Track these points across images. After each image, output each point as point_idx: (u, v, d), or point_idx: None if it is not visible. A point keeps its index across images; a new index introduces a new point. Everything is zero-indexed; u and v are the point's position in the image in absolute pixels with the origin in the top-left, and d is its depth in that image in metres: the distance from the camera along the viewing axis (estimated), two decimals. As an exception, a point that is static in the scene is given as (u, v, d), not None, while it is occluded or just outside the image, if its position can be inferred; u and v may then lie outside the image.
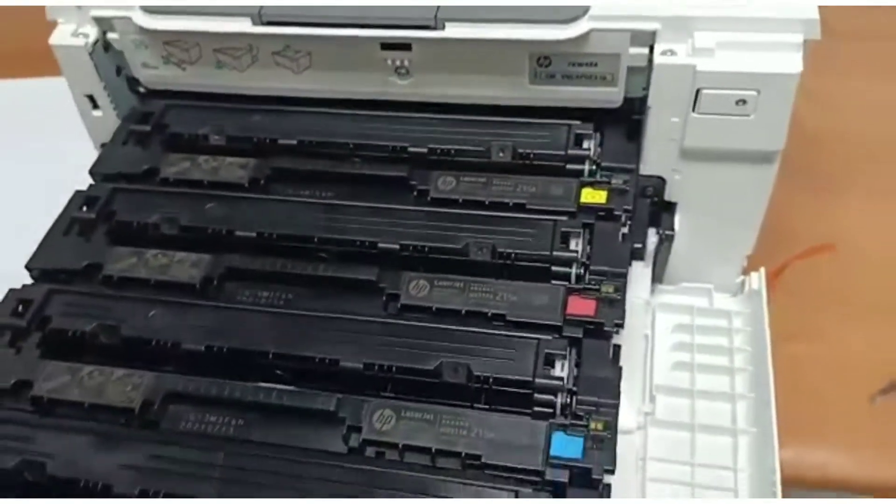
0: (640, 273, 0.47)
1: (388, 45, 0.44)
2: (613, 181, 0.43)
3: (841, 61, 0.53)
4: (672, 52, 0.41)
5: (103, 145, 0.50)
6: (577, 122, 0.46)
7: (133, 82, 0.50)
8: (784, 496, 0.41)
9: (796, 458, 0.45)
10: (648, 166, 0.45)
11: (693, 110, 0.42)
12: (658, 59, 0.41)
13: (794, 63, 0.39)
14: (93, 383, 0.37)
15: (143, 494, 0.33)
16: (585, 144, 0.45)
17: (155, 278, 0.41)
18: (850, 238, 0.56)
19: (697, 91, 0.41)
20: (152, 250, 0.42)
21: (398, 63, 0.45)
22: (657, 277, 0.49)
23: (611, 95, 0.44)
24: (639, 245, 0.46)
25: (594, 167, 0.45)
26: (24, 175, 0.64)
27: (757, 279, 0.48)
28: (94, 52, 0.47)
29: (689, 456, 0.43)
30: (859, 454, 0.47)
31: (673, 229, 0.47)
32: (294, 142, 0.47)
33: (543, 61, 0.44)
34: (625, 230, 0.42)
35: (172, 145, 0.48)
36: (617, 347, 0.39)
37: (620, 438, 0.42)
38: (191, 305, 0.40)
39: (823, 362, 0.51)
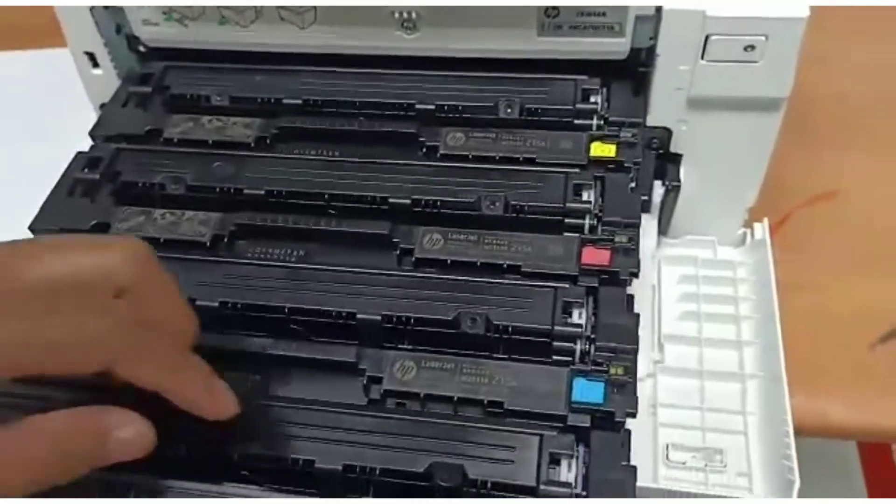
0: (646, 225, 0.47)
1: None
2: (622, 134, 0.43)
3: (837, 24, 0.53)
4: (681, -2, 0.41)
5: (102, 106, 0.49)
6: (584, 77, 0.46)
7: (133, 41, 0.49)
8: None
9: (796, 405, 0.46)
10: (655, 117, 0.46)
11: (702, 58, 0.42)
12: (667, 4, 0.41)
13: (801, 7, 0.39)
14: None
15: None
16: (593, 99, 0.45)
17: (164, 237, 0.41)
18: (849, 191, 0.57)
19: (706, 37, 0.41)
20: (160, 209, 0.42)
21: (405, 16, 0.44)
22: (662, 230, 0.50)
23: (618, 46, 0.44)
24: (645, 197, 0.46)
25: (602, 122, 0.45)
26: (19, 146, 0.63)
27: (760, 229, 0.49)
28: (94, 8, 0.46)
29: (699, 401, 0.44)
30: (859, 402, 0.48)
31: (679, 180, 0.47)
32: (299, 101, 0.46)
33: (552, 12, 0.43)
34: (634, 184, 0.42)
35: (174, 107, 0.47)
36: (631, 296, 0.39)
37: (631, 387, 0.44)
38: (202, 262, 0.39)
39: (823, 312, 0.51)
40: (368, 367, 0.35)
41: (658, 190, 0.47)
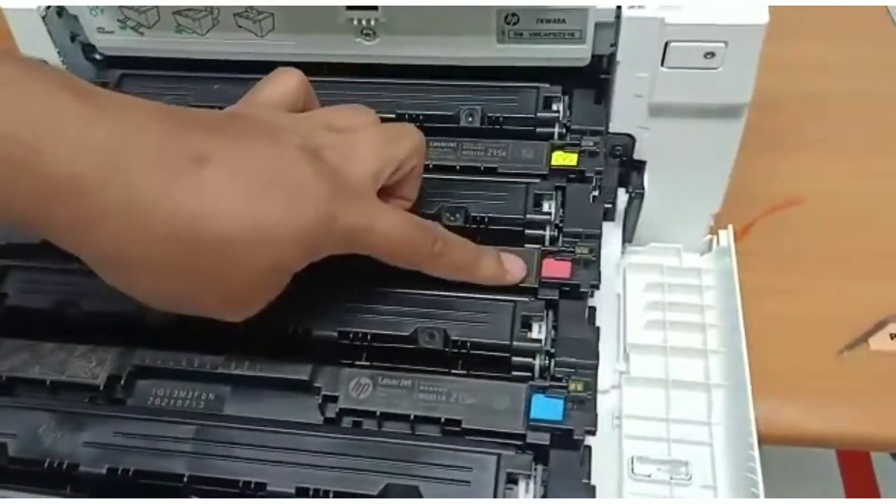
0: (610, 233, 0.47)
1: (353, 5, 0.43)
2: (583, 143, 0.43)
3: (791, 25, 0.54)
4: (640, 6, 0.40)
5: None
6: (546, 86, 0.45)
7: (88, 49, 0.48)
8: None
9: (765, 413, 0.46)
10: (617, 124, 0.45)
11: (661, 64, 0.41)
12: (626, 12, 0.40)
13: (760, 14, 0.39)
14: (54, 360, 0.35)
15: (112, 472, 0.32)
16: (554, 107, 0.45)
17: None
18: (814, 195, 0.57)
19: (666, 44, 0.41)
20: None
21: (364, 23, 0.44)
22: (627, 237, 0.49)
23: (579, 53, 0.44)
24: (609, 205, 0.46)
25: (563, 130, 0.44)
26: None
27: (725, 236, 0.49)
28: (47, 16, 0.45)
29: (665, 412, 0.44)
30: (826, 409, 0.48)
31: (643, 188, 0.47)
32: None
33: (511, 18, 0.43)
34: (596, 193, 0.42)
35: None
36: (593, 308, 0.39)
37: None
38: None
39: (790, 318, 0.51)
40: (324, 386, 0.35)
41: (622, 197, 0.47)
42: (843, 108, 0.63)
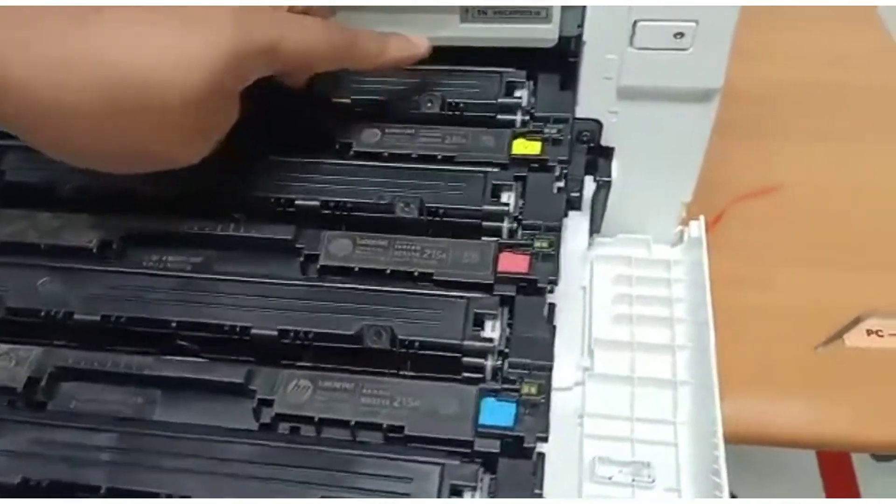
0: (577, 223, 0.45)
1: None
2: (547, 131, 0.41)
3: (759, 15, 0.52)
4: (609, -16, 0.38)
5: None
6: (510, 70, 0.43)
7: None
8: (726, 450, 0.40)
9: (737, 410, 0.44)
10: (584, 109, 0.43)
11: (630, 45, 0.39)
12: (592, -10, 0.38)
13: (734, -5, 0.37)
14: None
15: (25, 482, 0.29)
16: (518, 93, 0.42)
17: (46, 242, 0.37)
18: (788, 183, 0.55)
19: (634, 23, 0.38)
20: (44, 213, 0.38)
21: (321, 0, 0.41)
22: (595, 228, 0.47)
23: (546, 33, 0.41)
24: (576, 193, 0.44)
25: (527, 117, 0.42)
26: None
27: (696, 227, 0.47)
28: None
29: (629, 411, 0.42)
30: (799, 407, 0.47)
31: (610, 176, 0.45)
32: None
33: (476, -4, 0.40)
34: (560, 183, 0.40)
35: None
36: (552, 305, 0.37)
37: (558, 396, 0.41)
38: (87, 271, 0.36)
39: (767, 311, 0.50)
40: (259, 389, 0.33)
41: (589, 186, 0.45)
42: (822, 98, 0.62)
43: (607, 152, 0.45)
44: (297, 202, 0.38)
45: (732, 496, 0.37)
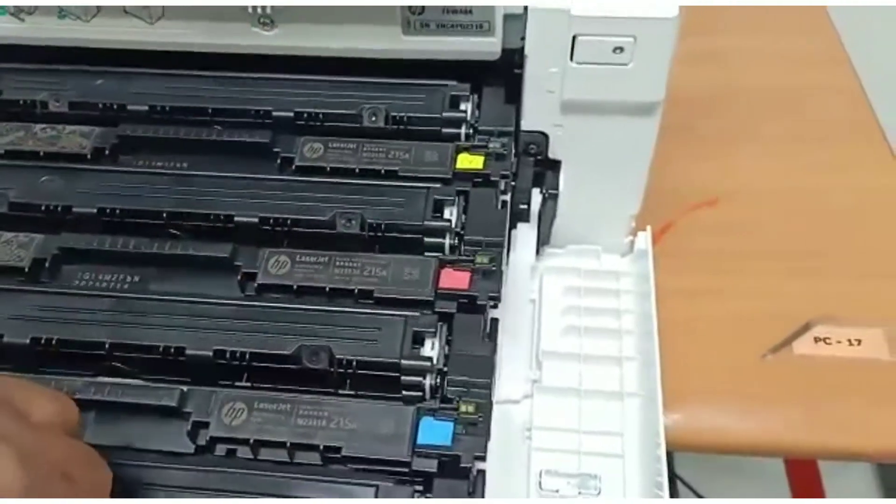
0: (525, 235, 0.45)
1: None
2: (491, 145, 0.41)
3: (709, 19, 0.52)
4: (551, -3, 0.38)
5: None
6: (454, 83, 0.43)
7: (-42, 39, 0.44)
8: (675, 460, 0.40)
9: (686, 420, 0.44)
10: (530, 121, 0.43)
11: (571, 59, 0.39)
12: (532, 3, 0.38)
13: (670, 7, 0.37)
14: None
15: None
16: (462, 106, 0.42)
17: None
18: (736, 193, 0.55)
19: (574, 38, 0.38)
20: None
21: (260, 11, 0.41)
22: (544, 239, 0.47)
23: (489, 46, 0.41)
24: (523, 206, 0.44)
25: (471, 130, 0.42)
26: None
27: (643, 239, 0.47)
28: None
29: (577, 423, 0.42)
30: (748, 414, 0.47)
31: (557, 188, 0.45)
32: (145, 107, 0.42)
33: (416, 9, 0.40)
34: (505, 197, 0.40)
35: (4, 113, 0.43)
36: (495, 321, 0.37)
37: (507, 408, 0.41)
38: (17, 291, 0.35)
39: (712, 320, 0.50)
40: (194, 411, 0.32)
41: (537, 198, 0.45)
42: (773, 102, 0.62)
43: (555, 165, 0.45)
44: (235, 218, 0.38)
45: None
